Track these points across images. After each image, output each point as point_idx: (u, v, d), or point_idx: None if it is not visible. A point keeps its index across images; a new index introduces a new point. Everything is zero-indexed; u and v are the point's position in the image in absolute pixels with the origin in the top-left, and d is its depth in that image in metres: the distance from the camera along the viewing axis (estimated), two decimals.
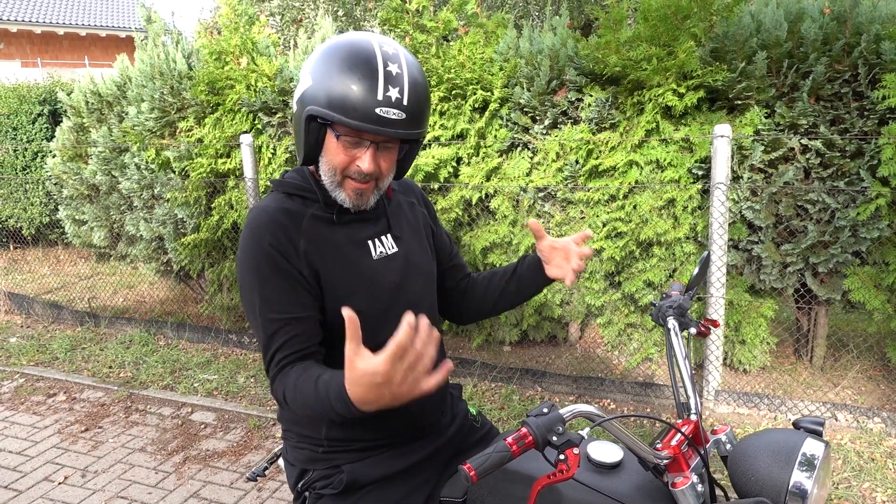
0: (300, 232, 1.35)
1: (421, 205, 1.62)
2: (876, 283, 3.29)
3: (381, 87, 1.24)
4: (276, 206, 1.37)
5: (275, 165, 4.46)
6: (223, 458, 3.40)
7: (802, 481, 1.13)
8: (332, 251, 1.37)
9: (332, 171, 1.34)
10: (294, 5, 9.03)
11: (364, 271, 1.40)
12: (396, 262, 1.46)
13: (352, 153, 1.31)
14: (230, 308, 5.03)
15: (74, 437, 3.66)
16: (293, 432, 1.50)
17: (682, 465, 1.23)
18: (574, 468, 1.05)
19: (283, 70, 4.38)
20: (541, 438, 1.04)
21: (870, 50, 3.10)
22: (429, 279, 1.54)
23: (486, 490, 1.38)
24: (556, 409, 1.08)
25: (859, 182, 3.22)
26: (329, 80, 1.26)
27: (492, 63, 3.94)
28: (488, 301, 1.67)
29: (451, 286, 1.70)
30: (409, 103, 1.27)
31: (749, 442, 1.24)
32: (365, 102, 1.23)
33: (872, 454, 3.11)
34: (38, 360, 4.81)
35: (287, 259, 1.32)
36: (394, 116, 1.25)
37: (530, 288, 1.62)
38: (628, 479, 1.30)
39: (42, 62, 17.82)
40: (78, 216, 5.62)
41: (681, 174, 3.48)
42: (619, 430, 1.15)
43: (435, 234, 1.64)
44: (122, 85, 5.10)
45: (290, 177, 1.44)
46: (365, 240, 1.43)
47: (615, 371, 4.06)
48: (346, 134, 1.29)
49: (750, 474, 1.19)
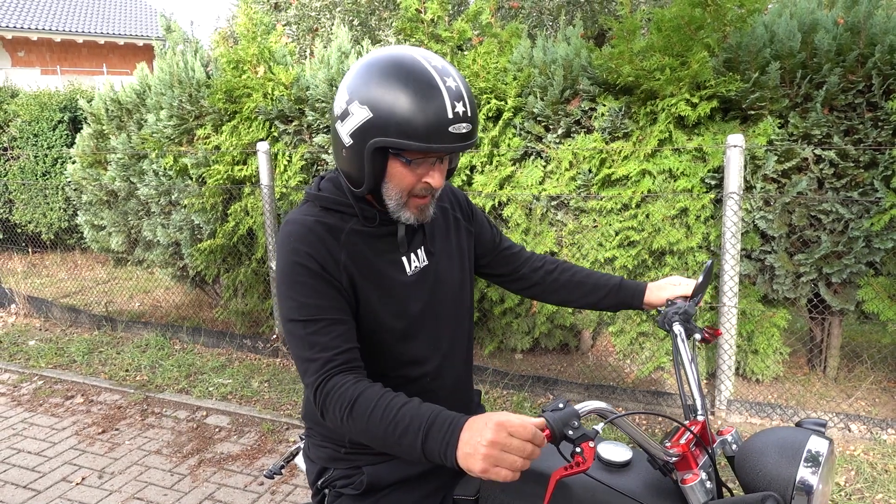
0: (340, 245, 1.35)
1: (455, 207, 1.61)
2: (890, 293, 3.28)
3: (449, 105, 1.24)
4: (313, 218, 1.36)
5: (290, 173, 4.52)
6: (237, 461, 3.44)
7: (808, 477, 1.15)
8: (369, 267, 1.38)
9: (400, 193, 1.33)
10: (310, 15, 9.13)
11: (397, 289, 1.40)
12: (427, 278, 1.46)
13: (419, 173, 1.31)
14: (245, 313, 5.08)
15: (91, 439, 3.71)
16: (316, 431, 1.52)
17: (690, 463, 1.26)
18: (590, 461, 1.07)
19: (300, 79, 4.45)
20: (558, 432, 1.07)
21: (884, 61, 3.11)
22: (458, 293, 1.54)
23: (499, 488, 1.41)
24: (571, 405, 1.11)
25: (873, 192, 3.22)
26: (394, 109, 1.23)
27: (506, 72, 3.98)
28: (568, 302, 1.71)
29: (506, 272, 1.71)
30: (472, 113, 1.29)
31: (756, 440, 1.26)
32: (440, 124, 1.23)
33: (886, 466, 3.09)
34: (57, 363, 4.89)
35: (325, 268, 1.31)
36: (464, 130, 1.27)
37: (616, 309, 1.69)
38: (637, 477, 1.33)
39: (61, 70, 18.12)
40: (96, 221, 5.71)
41: (694, 183, 3.49)
42: (631, 428, 1.18)
43: (475, 231, 1.64)
44: (142, 93, 5.19)
45: (327, 189, 1.42)
46: (400, 257, 1.43)
47: (627, 379, 4.07)
48: (416, 159, 1.29)
49: (757, 470, 1.21)
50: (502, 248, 1.70)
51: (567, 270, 1.70)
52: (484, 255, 1.67)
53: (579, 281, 1.68)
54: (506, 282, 1.73)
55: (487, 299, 4.15)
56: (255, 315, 5.08)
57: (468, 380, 1.60)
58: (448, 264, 1.52)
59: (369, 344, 1.40)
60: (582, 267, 1.71)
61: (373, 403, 1.16)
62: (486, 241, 1.67)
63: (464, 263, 1.57)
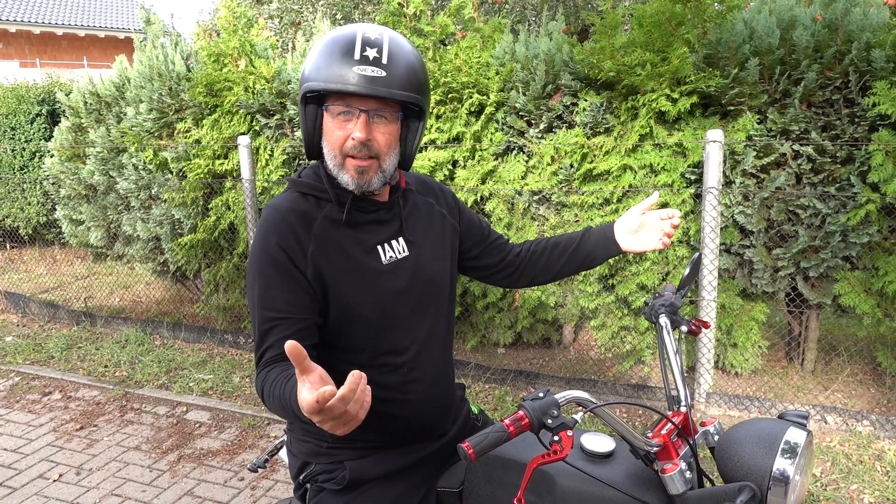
0: (311, 234, 1.36)
1: (441, 202, 1.60)
2: (866, 287, 3.33)
3: (359, 48, 1.27)
4: (288, 205, 1.38)
5: (272, 167, 4.49)
6: (217, 456, 3.41)
7: (785, 468, 1.17)
8: (341, 256, 1.38)
9: (333, 152, 1.34)
10: (292, 8, 9.07)
11: (370, 278, 1.40)
12: (405, 267, 1.45)
13: (347, 128, 1.31)
14: (226, 308, 5.05)
15: (69, 436, 3.67)
16: (298, 426, 1.51)
17: (671, 453, 1.27)
18: (567, 449, 1.08)
19: (281, 72, 4.41)
20: (536, 421, 1.08)
21: (860, 57, 3.14)
22: (438, 283, 1.53)
23: (483, 478, 1.41)
24: (552, 394, 1.11)
25: (850, 188, 3.26)
26: (313, 59, 1.31)
27: (488, 67, 3.98)
28: (549, 272, 1.71)
29: (493, 262, 1.71)
30: (390, 62, 1.28)
31: (735, 431, 1.28)
32: (345, 63, 1.26)
33: (861, 457, 3.14)
34: (34, 359, 4.83)
35: (292, 260, 1.33)
36: (371, 73, 1.26)
37: (596, 262, 1.67)
38: (620, 468, 1.34)
39: (40, 62, 17.83)
40: (75, 216, 5.64)
41: (674, 178, 3.52)
42: (610, 417, 1.19)
43: (461, 226, 1.64)
44: (121, 86, 5.12)
45: (306, 175, 1.44)
46: (375, 245, 1.42)
47: (608, 373, 4.09)
48: (333, 103, 1.31)
49: (735, 461, 1.23)
50: (491, 240, 1.70)
51: (543, 240, 1.72)
52: (472, 247, 1.67)
53: (554, 243, 1.70)
54: (492, 272, 1.72)
55: (470, 294, 4.15)
56: (236, 310, 5.05)
57: (448, 372, 1.60)
58: (429, 256, 1.51)
59: (345, 333, 1.40)
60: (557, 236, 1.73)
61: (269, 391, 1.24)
62: (475, 235, 1.67)
63: (445, 257, 1.57)
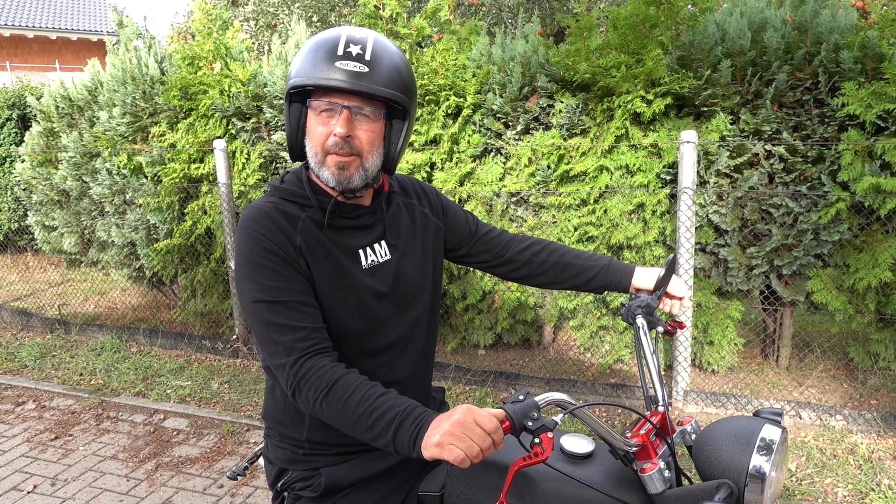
0: (296, 231, 1.35)
1: (423, 202, 1.59)
2: (837, 284, 3.39)
3: (342, 44, 1.28)
4: (271, 205, 1.37)
5: (248, 171, 4.45)
6: (196, 464, 3.38)
7: (761, 465, 1.18)
8: (324, 256, 1.37)
9: (315, 149, 1.34)
10: (268, 11, 9.01)
11: (350, 282, 1.39)
12: (386, 271, 1.44)
13: (329, 124, 1.31)
14: (203, 314, 5.00)
15: (44, 446, 3.60)
16: (275, 431, 1.50)
17: (650, 453, 1.29)
18: (548, 451, 1.09)
19: (257, 75, 4.38)
20: (517, 423, 1.09)
21: (830, 59, 3.21)
22: (418, 290, 1.52)
23: (464, 482, 1.41)
24: (531, 396, 1.12)
25: (820, 186, 3.32)
26: (300, 58, 1.32)
27: (465, 69, 3.99)
28: (553, 284, 1.70)
29: (489, 258, 1.68)
30: (373, 59, 1.28)
31: (711, 429, 1.29)
32: (327, 58, 1.27)
33: (834, 451, 3.20)
34: (7, 369, 4.73)
35: (285, 249, 1.32)
36: (353, 69, 1.26)
37: (603, 291, 1.68)
38: (600, 468, 1.35)
39: (11, 66, 17.52)
40: (48, 222, 5.54)
41: (650, 179, 3.55)
42: (590, 418, 1.20)
43: (446, 224, 1.62)
44: (94, 89, 5.05)
45: (290, 181, 1.42)
46: (356, 248, 1.42)
47: (587, 373, 4.12)
48: (317, 99, 1.30)
49: (713, 459, 1.24)
50: (481, 235, 1.67)
51: (554, 252, 1.67)
52: (461, 245, 1.65)
53: (567, 263, 1.66)
54: (491, 267, 1.70)
55: (450, 296, 4.15)
56: (214, 316, 5.00)
57: (426, 375, 1.59)
58: (411, 260, 1.51)
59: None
60: (569, 248, 1.69)
61: (351, 389, 1.19)
62: (461, 231, 1.65)
63: (427, 259, 1.55)
